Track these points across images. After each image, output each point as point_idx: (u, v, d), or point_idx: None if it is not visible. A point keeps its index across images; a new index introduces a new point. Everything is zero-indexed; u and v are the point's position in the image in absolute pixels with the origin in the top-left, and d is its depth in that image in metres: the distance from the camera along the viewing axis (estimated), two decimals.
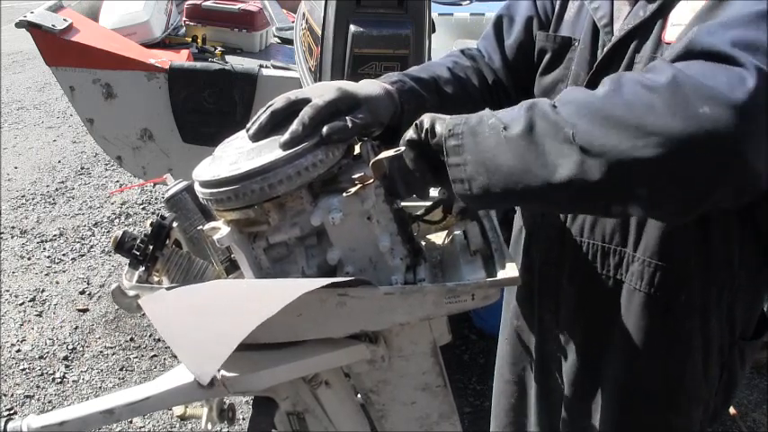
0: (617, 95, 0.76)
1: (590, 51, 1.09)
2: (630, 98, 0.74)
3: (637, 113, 0.73)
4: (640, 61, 0.99)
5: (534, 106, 0.81)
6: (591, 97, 0.78)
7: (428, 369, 1.07)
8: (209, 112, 2.55)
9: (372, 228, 0.93)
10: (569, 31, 1.15)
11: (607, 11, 1.08)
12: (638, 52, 0.99)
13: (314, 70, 2.08)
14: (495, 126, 0.82)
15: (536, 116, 0.80)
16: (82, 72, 2.55)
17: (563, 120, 0.77)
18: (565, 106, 0.79)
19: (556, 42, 1.16)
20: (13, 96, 5.61)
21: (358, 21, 1.87)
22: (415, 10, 1.89)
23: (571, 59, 1.12)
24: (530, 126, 0.79)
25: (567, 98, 0.81)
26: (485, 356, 2.86)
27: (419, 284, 0.96)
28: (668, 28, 0.96)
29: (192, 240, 1.06)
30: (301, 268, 0.96)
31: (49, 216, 3.85)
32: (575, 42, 1.12)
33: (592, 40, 1.09)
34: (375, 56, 1.88)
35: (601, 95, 0.77)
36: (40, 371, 2.71)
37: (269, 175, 0.86)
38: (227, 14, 3.18)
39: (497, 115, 0.83)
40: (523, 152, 0.79)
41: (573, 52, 1.12)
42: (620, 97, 0.75)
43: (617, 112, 0.74)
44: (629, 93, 0.75)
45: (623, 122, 0.73)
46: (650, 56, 0.97)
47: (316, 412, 1.08)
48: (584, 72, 1.09)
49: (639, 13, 1.00)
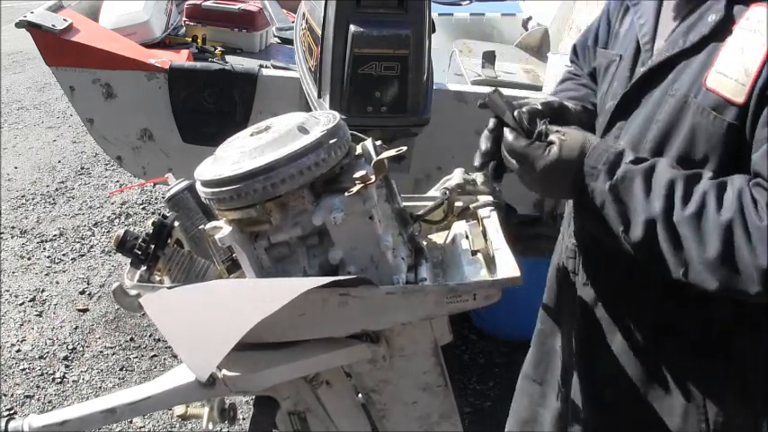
0: (727, 260, 0.87)
1: (629, 68, 1.09)
2: (740, 268, 0.86)
3: (741, 284, 0.87)
4: (675, 95, 0.98)
5: (654, 223, 0.91)
6: (704, 249, 0.88)
7: (429, 369, 1.07)
8: (209, 112, 2.55)
9: (374, 227, 0.93)
10: (619, 47, 1.16)
11: (650, 27, 1.07)
12: (675, 83, 0.99)
13: (314, 70, 2.08)
14: (615, 220, 0.96)
15: (656, 234, 0.91)
16: (82, 72, 2.54)
17: (677, 255, 0.90)
18: (683, 239, 0.89)
19: (606, 57, 1.19)
20: (13, 96, 5.60)
21: (358, 21, 1.86)
22: (415, 10, 1.89)
23: (614, 75, 1.14)
24: (646, 239, 0.93)
25: (686, 226, 0.89)
26: (485, 356, 2.86)
27: (420, 284, 0.96)
28: (712, 73, 0.94)
29: (193, 240, 1.06)
30: (303, 268, 0.96)
31: (49, 216, 3.84)
32: (617, 58, 1.14)
33: (633, 57, 1.09)
34: (375, 56, 1.88)
35: (714, 249, 0.87)
36: (40, 371, 2.71)
37: (271, 175, 0.86)
38: (227, 14, 3.18)
39: (619, 199, 0.95)
40: (635, 252, 0.96)
41: (616, 67, 1.14)
42: (731, 265, 0.87)
43: (724, 275, 0.87)
44: (738, 262, 0.86)
45: (726, 286, 0.88)
46: (685, 94, 0.97)
47: (317, 412, 1.08)
48: (621, 90, 1.09)
49: (679, 42, 0.99)
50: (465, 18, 3.94)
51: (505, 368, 2.81)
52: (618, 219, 0.95)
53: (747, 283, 0.86)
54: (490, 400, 2.65)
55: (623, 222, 0.94)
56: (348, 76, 1.89)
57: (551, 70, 2.87)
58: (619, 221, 0.95)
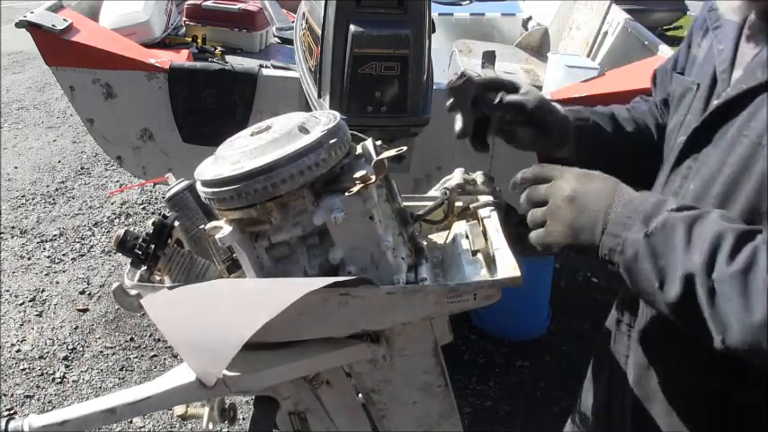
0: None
1: (704, 100, 0.97)
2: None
3: None
4: (749, 135, 0.85)
5: (693, 279, 0.76)
6: (750, 312, 0.73)
7: (429, 369, 1.07)
8: (209, 112, 2.55)
9: (374, 227, 0.93)
10: (696, 74, 1.03)
11: (728, 54, 0.94)
12: (751, 121, 0.86)
13: (314, 70, 2.08)
14: (649, 275, 0.80)
15: (695, 292, 0.76)
16: (82, 72, 2.55)
17: (717, 317, 0.75)
18: (724, 300, 0.74)
19: (681, 84, 1.06)
20: (13, 96, 5.60)
21: (358, 21, 1.86)
22: (415, 10, 1.89)
23: (689, 106, 1.01)
24: (683, 299, 0.77)
25: (729, 284, 0.74)
26: (485, 356, 2.87)
27: (421, 284, 0.96)
28: None
29: (193, 239, 1.06)
30: (303, 268, 0.96)
31: (49, 216, 3.85)
32: (694, 87, 1.01)
33: (710, 87, 0.97)
34: (375, 56, 1.88)
35: (760, 313, 0.72)
36: (40, 371, 2.71)
37: (271, 175, 0.86)
38: (227, 14, 3.18)
39: (654, 251, 0.79)
40: (671, 312, 0.80)
41: (691, 98, 1.01)
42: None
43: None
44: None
45: None
46: (759, 135, 0.83)
47: (317, 412, 1.08)
48: (694, 123, 0.97)
49: (757, 73, 0.86)
50: (465, 18, 3.95)
51: (505, 368, 2.82)
52: (653, 273, 0.79)
53: None
54: (490, 400, 2.65)
55: (659, 278, 0.79)
56: (348, 76, 1.89)
57: (551, 70, 2.87)
58: (655, 277, 0.79)
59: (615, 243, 0.82)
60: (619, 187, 0.87)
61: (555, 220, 0.88)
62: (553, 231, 0.88)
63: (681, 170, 0.98)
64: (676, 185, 0.99)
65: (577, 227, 0.86)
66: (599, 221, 0.84)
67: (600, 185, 0.87)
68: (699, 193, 0.92)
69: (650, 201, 0.83)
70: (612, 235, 0.82)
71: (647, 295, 0.83)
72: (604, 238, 0.83)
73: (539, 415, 2.60)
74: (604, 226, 0.83)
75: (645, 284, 0.81)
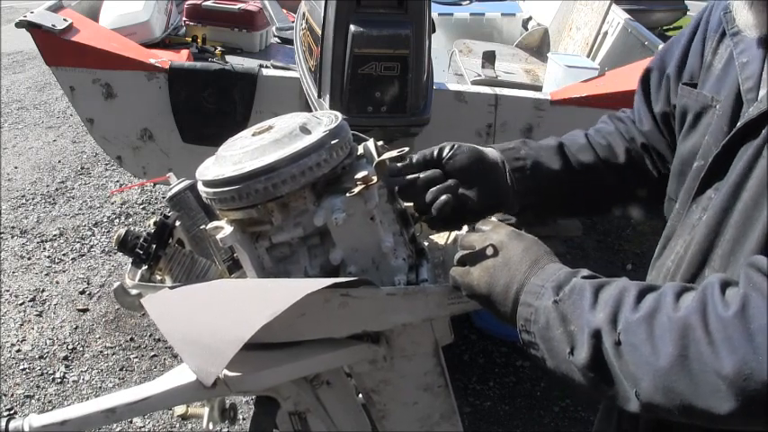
0: (684, 367, 0.66)
1: (728, 121, 0.84)
2: (698, 377, 0.65)
3: (703, 400, 0.65)
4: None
5: (599, 335, 0.73)
6: (656, 356, 0.68)
7: (430, 369, 1.07)
8: (209, 112, 2.55)
9: (375, 228, 0.93)
10: (713, 89, 0.89)
11: (756, 69, 0.81)
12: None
13: (314, 70, 2.08)
14: (560, 342, 0.77)
15: (602, 349, 0.72)
16: (82, 72, 2.55)
17: (627, 371, 0.70)
18: (630, 349, 0.70)
19: (697, 100, 0.92)
20: (13, 96, 5.60)
21: (358, 21, 1.87)
22: (415, 10, 1.89)
23: (708, 126, 0.88)
24: (593, 360, 0.73)
25: (634, 332, 0.70)
26: (485, 356, 2.87)
27: (421, 285, 0.96)
28: None
29: (194, 239, 1.06)
30: (304, 268, 0.96)
31: (49, 216, 3.84)
32: (714, 104, 0.88)
33: (733, 106, 0.84)
34: (375, 56, 1.88)
35: (667, 355, 0.67)
36: (40, 371, 2.71)
37: (273, 175, 0.86)
38: (227, 14, 3.18)
39: (564, 316, 0.76)
40: (586, 380, 0.75)
41: (711, 117, 0.88)
42: (688, 373, 0.66)
43: (681, 387, 0.66)
44: (697, 368, 0.65)
45: (688, 404, 0.66)
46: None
47: (317, 412, 1.08)
48: (714, 147, 0.84)
49: None
50: (465, 18, 3.95)
51: (505, 368, 2.82)
52: (564, 339, 0.76)
53: (711, 400, 0.64)
54: (490, 400, 2.65)
55: (570, 343, 0.75)
56: (348, 76, 1.89)
57: (551, 70, 2.88)
58: (566, 342, 0.75)
59: (528, 312, 0.80)
60: (543, 258, 0.84)
61: (478, 262, 0.87)
62: (473, 272, 0.86)
63: (701, 201, 0.87)
64: (695, 218, 0.88)
65: (496, 276, 0.84)
66: (515, 282, 0.82)
67: (527, 249, 0.85)
68: (716, 223, 0.82)
69: (564, 270, 0.81)
70: (526, 304, 0.81)
71: (561, 369, 0.78)
72: (520, 309, 0.81)
73: (539, 415, 2.60)
74: (519, 289, 0.82)
75: (558, 353, 0.77)
